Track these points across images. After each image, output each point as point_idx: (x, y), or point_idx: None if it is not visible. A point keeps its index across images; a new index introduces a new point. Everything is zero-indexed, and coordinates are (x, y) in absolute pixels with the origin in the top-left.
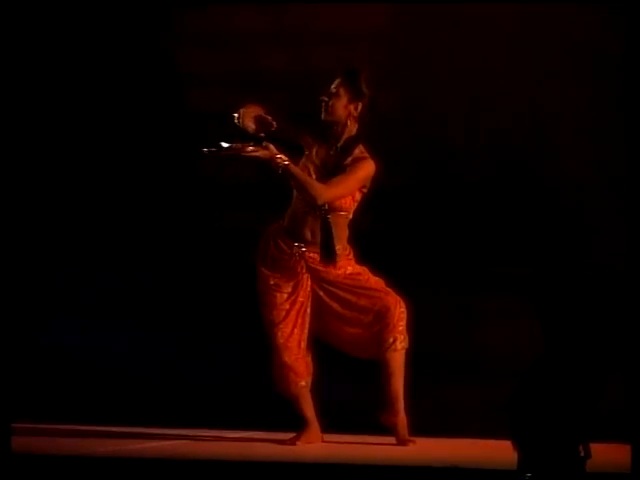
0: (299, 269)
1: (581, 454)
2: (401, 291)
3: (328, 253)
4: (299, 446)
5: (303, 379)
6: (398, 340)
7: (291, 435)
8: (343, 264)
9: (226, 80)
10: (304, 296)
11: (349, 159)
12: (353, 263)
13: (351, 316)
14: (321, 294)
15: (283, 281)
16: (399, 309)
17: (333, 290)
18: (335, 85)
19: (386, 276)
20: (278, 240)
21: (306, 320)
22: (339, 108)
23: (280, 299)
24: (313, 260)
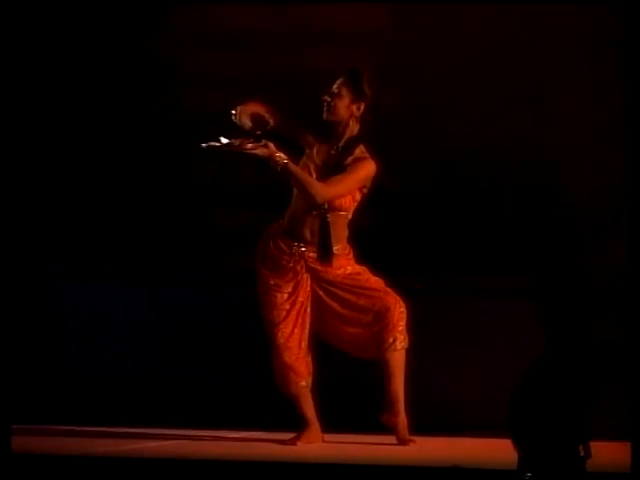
0: (299, 269)
1: (581, 454)
2: (401, 291)
3: (325, 252)
4: (299, 446)
5: (303, 379)
6: (398, 340)
7: (291, 435)
8: (343, 264)
9: (226, 80)
10: (304, 296)
11: (350, 159)
12: (353, 263)
13: (351, 316)
14: (321, 294)
15: (283, 281)
16: (399, 309)
17: (333, 290)
18: (337, 85)
19: (386, 276)
20: (278, 240)
21: (306, 320)
22: (341, 108)
23: (280, 299)
24: (313, 260)
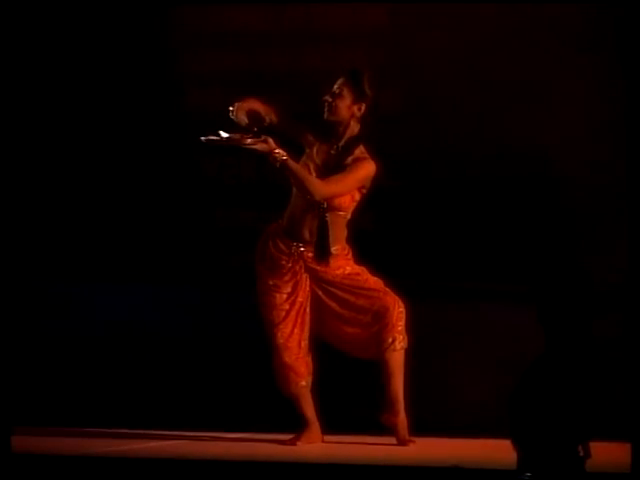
0: (298, 269)
1: (581, 454)
2: (400, 292)
3: (322, 252)
4: (299, 446)
5: (303, 379)
6: (397, 340)
7: (291, 435)
8: (342, 264)
9: (226, 80)
10: (303, 296)
11: (350, 159)
12: (352, 263)
13: (350, 316)
14: (320, 294)
15: (282, 281)
16: (398, 309)
17: (332, 290)
18: (338, 85)
19: (385, 276)
20: (277, 240)
21: (306, 320)
22: (343, 109)
23: (280, 299)
24: (312, 260)
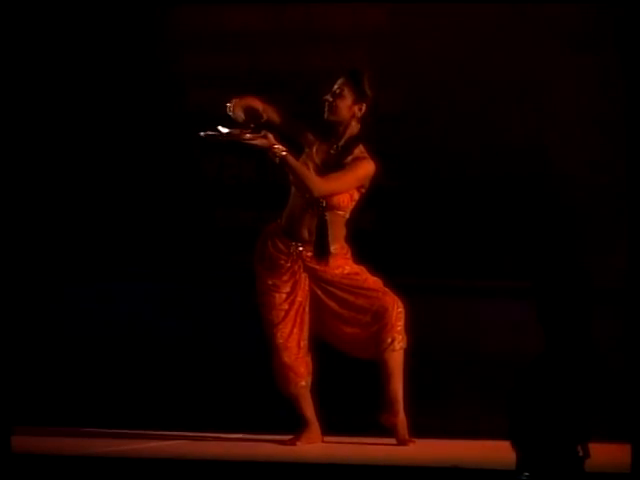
0: (297, 268)
1: (580, 454)
2: (399, 291)
3: (322, 250)
4: (299, 446)
5: (303, 379)
6: (396, 340)
7: (291, 435)
8: (341, 263)
9: (226, 80)
10: (302, 296)
11: (349, 158)
12: (351, 262)
13: (349, 316)
14: (319, 293)
15: (281, 281)
16: (397, 309)
17: (331, 289)
18: (339, 85)
19: (384, 276)
20: (276, 239)
21: (305, 320)
22: (343, 109)
23: (279, 299)
24: (311, 259)
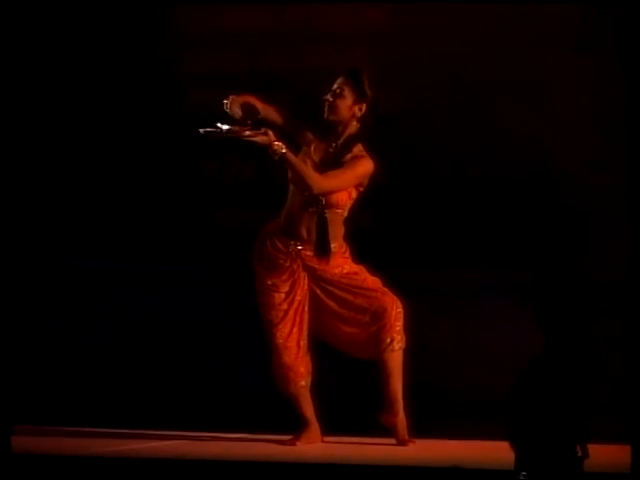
0: (295, 267)
1: (578, 454)
2: (399, 291)
3: (323, 248)
4: (299, 446)
5: (303, 379)
6: (395, 340)
7: (291, 435)
8: (340, 263)
9: (226, 80)
10: (301, 295)
11: (348, 156)
12: (350, 262)
13: (348, 315)
14: (318, 292)
15: (280, 281)
16: (396, 309)
17: (330, 289)
18: (339, 85)
19: (384, 275)
20: (274, 239)
21: (304, 319)
22: (343, 109)
23: (278, 299)
24: (310, 258)
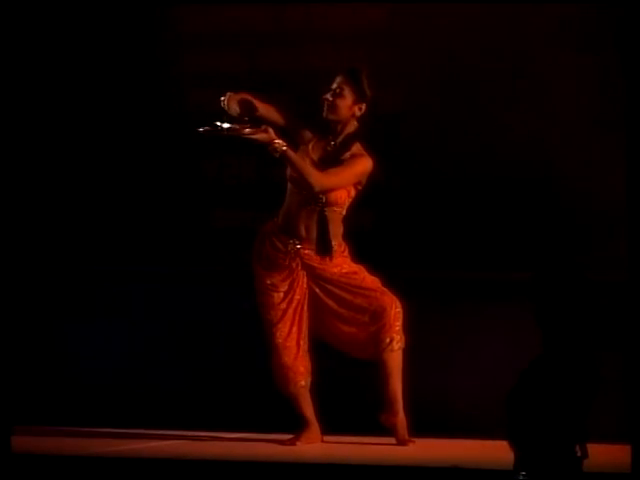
0: (294, 266)
1: (578, 454)
2: (397, 291)
3: (324, 246)
4: (299, 446)
5: (302, 379)
6: (395, 340)
7: (291, 435)
8: (339, 262)
9: (226, 80)
10: (300, 293)
11: (347, 154)
12: (349, 261)
13: (347, 315)
14: (317, 291)
15: (279, 280)
16: (395, 309)
17: (329, 287)
18: (338, 84)
19: (383, 275)
20: (273, 238)
21: (304, 318)
22: (343, 108)
23: (277, 299)
24: (309, 257)
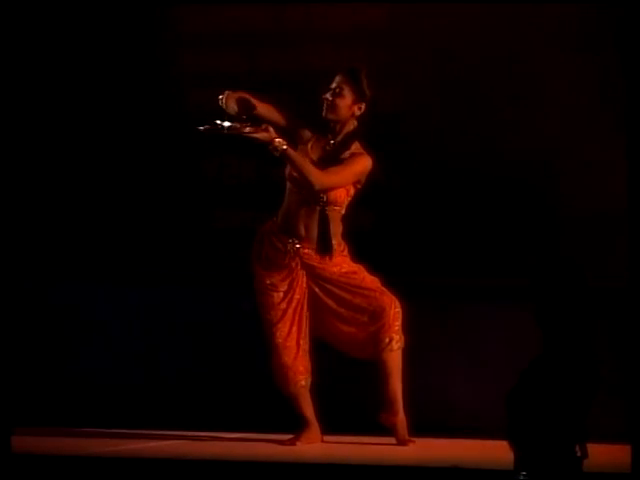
0: (294, 266)
1: (578, 454)
2: (397, 291)
3: (325, 245)
4: (299, 446)
5: (302, 379)
6: (394, 340)
7: (291, 435)
8: (338, 261)
9: (226, 80)
10: (300, 293)
11: (347, 153)
12: (348, 261)
13: (347, 315)
14: (317, 290)
15: (279, 280)
16: (394, 309)
17: (328, 287)
18: (338, 84)
19: (383, 275)
20: (272, 238)
21: (304, 318)
22: (343, 108)
23: (277, 299)
24: (308, 256)
